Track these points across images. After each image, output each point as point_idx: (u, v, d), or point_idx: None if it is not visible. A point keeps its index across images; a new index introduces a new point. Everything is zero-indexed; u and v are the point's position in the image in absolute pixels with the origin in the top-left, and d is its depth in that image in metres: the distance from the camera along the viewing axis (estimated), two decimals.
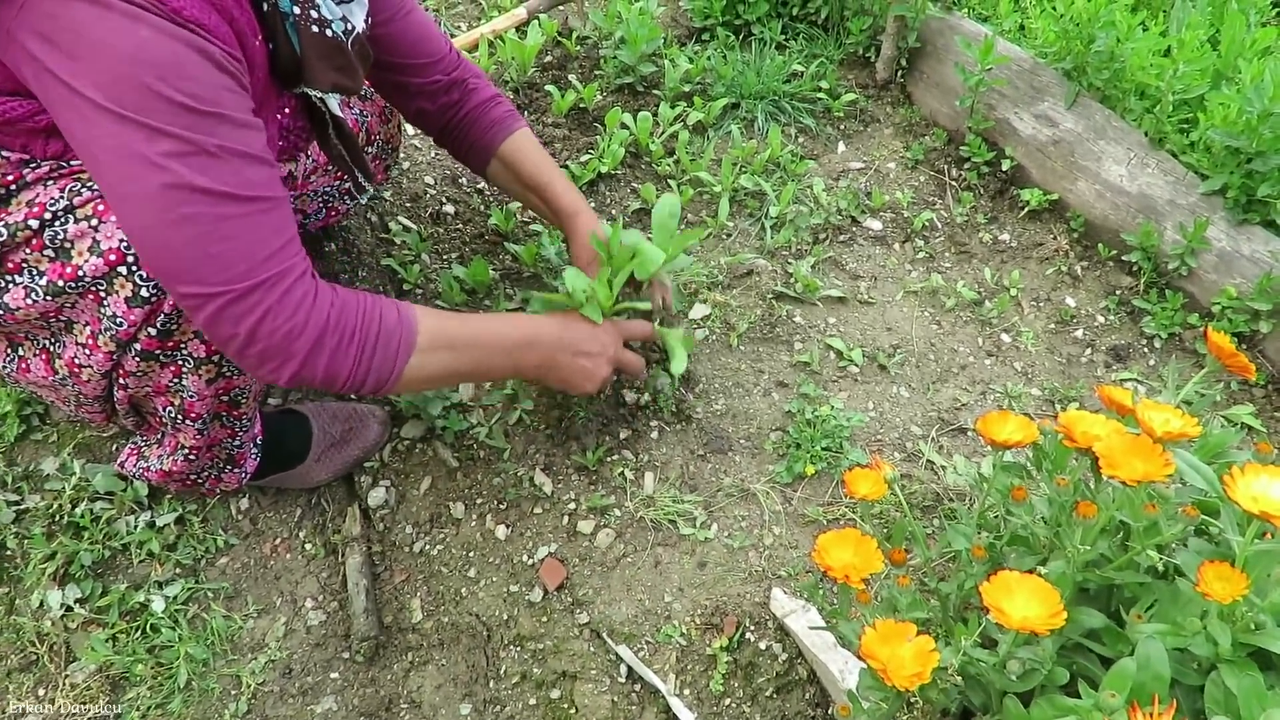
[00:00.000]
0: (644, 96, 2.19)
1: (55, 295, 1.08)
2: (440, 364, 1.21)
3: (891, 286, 1.90)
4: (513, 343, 1.30)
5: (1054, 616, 0.82)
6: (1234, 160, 1.76)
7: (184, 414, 1.27)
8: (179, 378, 1.20)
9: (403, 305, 1.20)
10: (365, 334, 1.14)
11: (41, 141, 1.07)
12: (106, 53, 0.92)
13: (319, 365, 1.10)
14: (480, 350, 1.27)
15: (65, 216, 1.06)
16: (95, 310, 1.11)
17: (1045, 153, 2.00)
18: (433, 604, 1.48)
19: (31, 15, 0.92)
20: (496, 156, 1.55)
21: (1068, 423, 1.00)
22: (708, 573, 1.45)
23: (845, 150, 2.17)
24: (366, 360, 1.14)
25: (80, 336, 1.14)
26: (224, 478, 1.45)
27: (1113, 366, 1.80)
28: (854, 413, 1.65)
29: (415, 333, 1.18)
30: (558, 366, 1.34)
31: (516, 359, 1.30)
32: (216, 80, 0.99)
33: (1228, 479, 0.81)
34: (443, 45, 1.51)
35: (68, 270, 1.07)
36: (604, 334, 1.39)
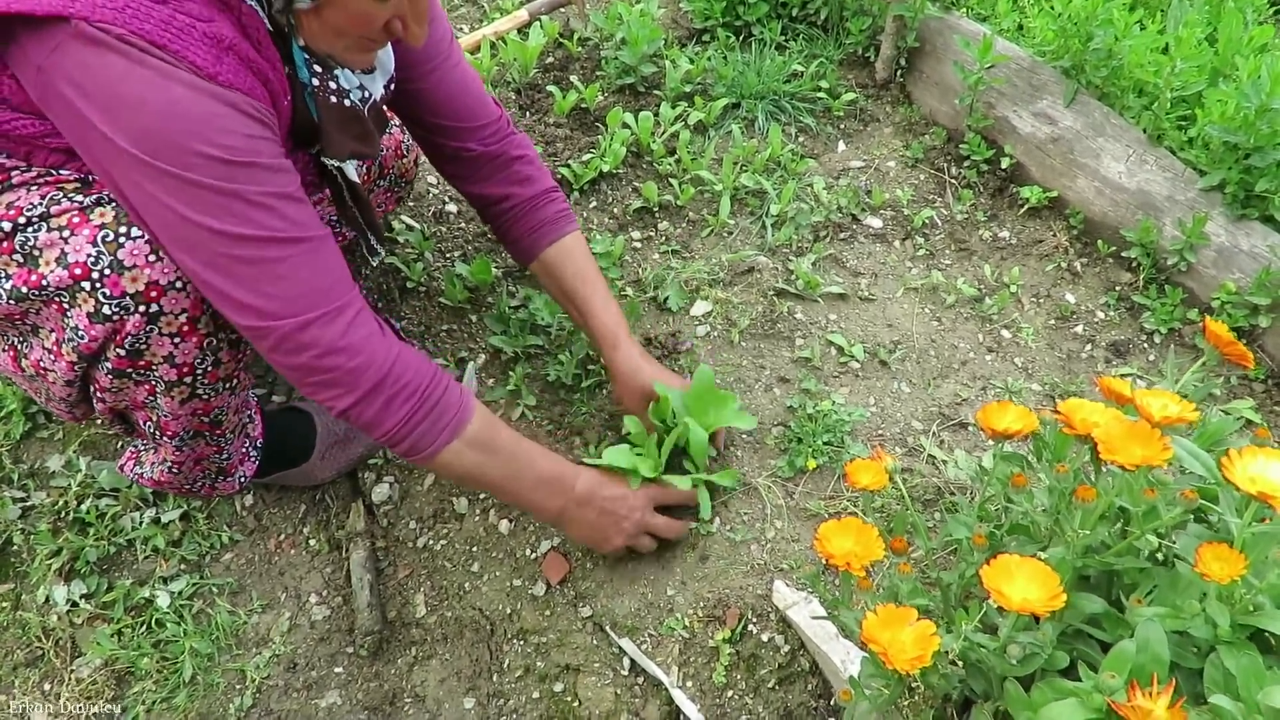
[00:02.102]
0: (645, 97, 2.20)
1: (18, 300, 1.07)
2: (474, 462, 1.23)
3: (892, 283, 1.90)
4: (542, 476, 1.30)
5: (1053, 599, 0.82)
6: (1232, 156, 1.77)
7: (161, 431, 1.27)
8: (153, 396, 1.20)
9: (470, 393, 1.23)
10: (424, 398, 1.16)
11: (44, 154, 1.08)
12: (140, 108, 0.94)
13: (370, 409, 1.13)
14: (513, 467, 1.27)
15: (39, 223, 1.06)
16: (59, 319, 1.10)
17: (1044, 150, 2.01)
18: (436, 598, 1.48)
19: (66, 60, 0.93)
20: (539, 260, 1.50)
21: (1067, 411, 1.00)
22: (710, 566, 1.46)
23: (845, 149, 2.18)
24: (414, 424, 1.16)
25: (46, 342, 1.14)
26: (218, 486, 1.46)
27: (1112, 362, 1.80)
28: (855, 408, 1.66)
29: (468, 420, 1.21)
30: (576, 520, 1.35)
31: (540, 495, 1.31)
32: (251, 130, 1.01)
33: (1225, 461, 0.81)
34: (487, 110, 1.44)
35: (32, 278, 1.05)
36: (635, 499, 1.39)
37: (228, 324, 1.18)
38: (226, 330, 1.18)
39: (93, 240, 1.05)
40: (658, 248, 1.91)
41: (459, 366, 1.69)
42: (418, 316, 1.75)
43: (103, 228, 1.05)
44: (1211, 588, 0.83)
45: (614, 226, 1.94)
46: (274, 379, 1.68)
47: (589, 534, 1.38)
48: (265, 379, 1.68)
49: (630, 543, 1.40)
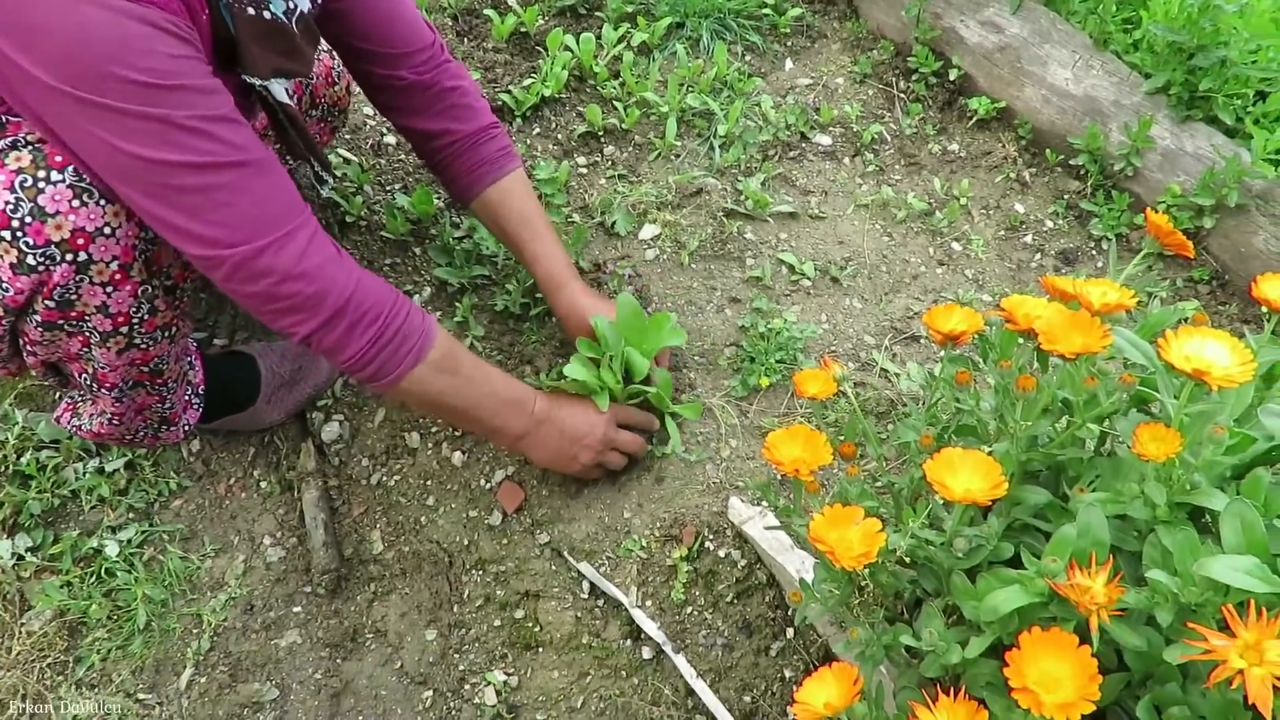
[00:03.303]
0: (586, 19, 2.14)
1: None
2: (440, 386, 1.20)
3: (842, 200, 1.89)
4: (505, 398, 1.28)
5: (995, 488, 0.83)
6: (1176, 57, 1.76)
7: (98, 383, 1.22)
8: (87, 348, 1.15)
9: (432, 319, 1.19)
10: (386, 323, 1.13)
11: None
12: (54, 36, 0.88)
13: (332, 334, 1.10)
14: (477, 390, 1.25)
15: None
16: None
17: (992, 60, 1.99)
18: (393, 534, 1.47)
19: None
20: (479, 200, 1.46)
21: (1010, 307, 1.00)
22: (665, 487, 1.46)
23: (793, 67, 2.14)
24: (378, 349, 1.13)
25: None
26: (161, 436, 1.42)
27: (1062, 270, 1.81)
28: (807, 325, 1.65)
29: (431, 344, 1.18)
30: (540, 442, 1.32)
31: (503, 418, 1.28)
32: (174, 50, 0.95)
33: (1162, 342, 0.81)
34: (420, 35, 1.37)
35: None
36: (596, 417, 1.37)
37: (162, 270, 1.14)
38: (161, 277, 1.14)
39: (10, 186, 0.99)
40: (604, 172, 1.87)
41: None
42: (359, 251, 1.70)
43: (19, 172, 1.00)
44: (1149, 469, 0.83)
45: (558, 152, 1.89)
46: (214, 322, 1.63)
47: (554, 455, 1.35)
48: (205, 322, 1.63)
49: (598, 459, 1.37)
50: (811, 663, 1.29)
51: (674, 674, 1.31)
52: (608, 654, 1.34)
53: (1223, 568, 0.72)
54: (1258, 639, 0.65)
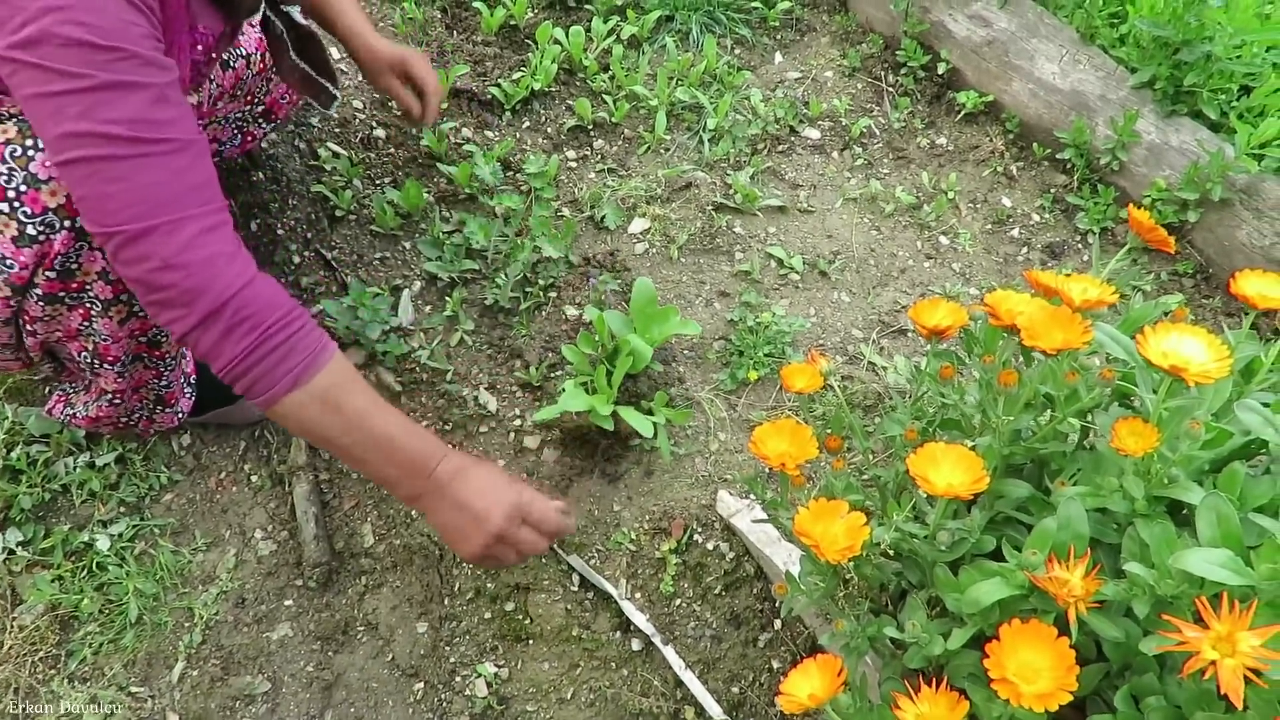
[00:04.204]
0: (576, 12, 2.14)
1: None
2: (315, 419, 1.06)
3: (831, 194, 1.89)
4: (400, 455, 1.09)
5: (977, 482, 0.84)
6: (1162, 52, 1.77)
7: (100, 358, 1.22)
8: (88, 321, 1.14)
9: (331, 344, 1.07)
10: (267, 334, 1.02)
11: None
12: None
13: (207, 336, 1.00)
14: (365, 436, 1.07)
15: None
16: None
17: (980, 54, 2.00)
18: (384, 528, 1.48)
19: None
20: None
21: (994, 302, 1.01)
22: (655, 480, 1.47)
23: (782, 60, 2.14)
24: (254, 361, 1.02)
25: None
26: (156, 418, 1.42)
27: (1048, 264, 1.82)
28: (796, 319, 1.66)
29: (317, 370, 1.04)
30: (435, 510, 1.12)
31: (392, 474, 1.10)
32: (121, 14, 0.93)
33: (1140, 338, 0.83)
34: None
35: None
36: (499, 501, 1.10)
37: None
38: None
39: (0, 157, 0.99)
40: (593, 166, 1.88)
41: (394, 294, 1.66)
42: (349, 245, 1.71)
43: (8, 143, 1.00)
44: (1128, 463, 0.85)
45: (548, 146, 1.89)
46: None
47: (446, 529, 1.13)
48: None
49: (486, 551, 1.11)
50: (799, 653, 1.31)
51: (663, 665, 1.32)
52: (597, 646, 1.35)
53: (1198, 561, 0.74)
54: (1230, 631, 0.66)
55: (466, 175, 1.74)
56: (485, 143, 1.87)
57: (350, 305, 1.54)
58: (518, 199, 1.73)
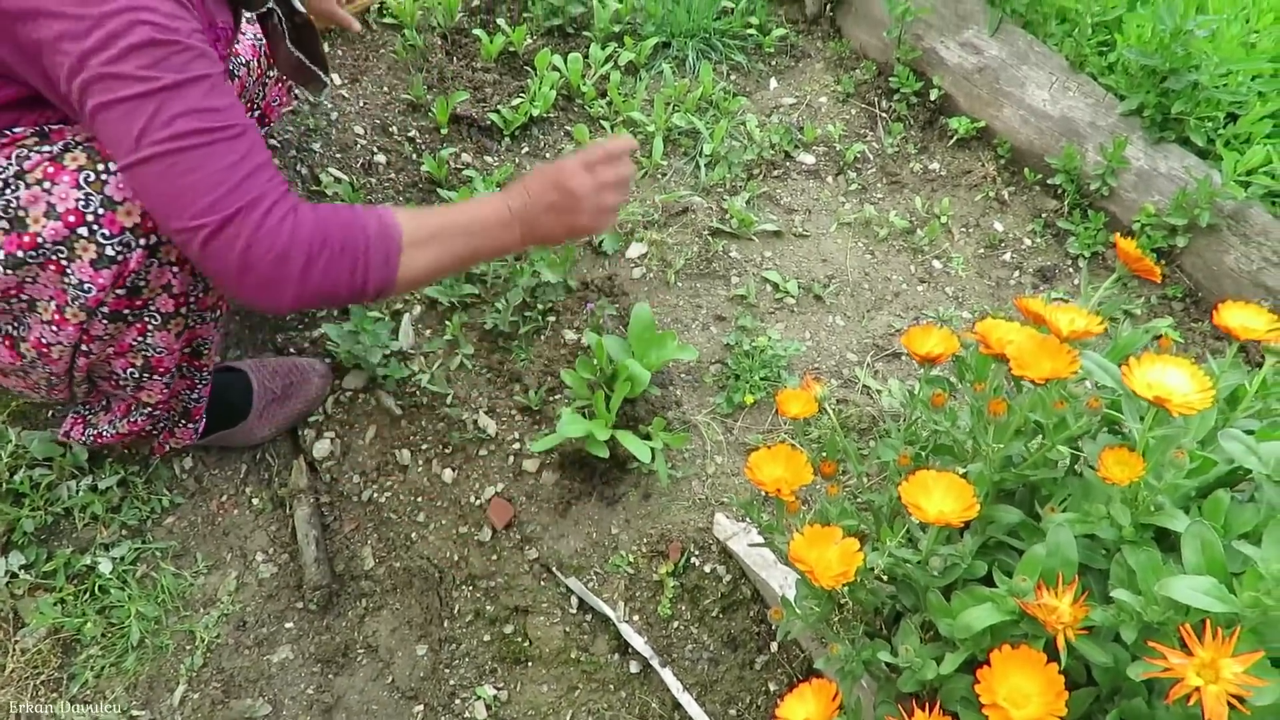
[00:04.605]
0: (574, 38, 2.17)
1: (14, 268, 1.03)
2: (432, 257, 1.16)
3: (825, 219, 1.92)
4: (485, 222, 1.19)
5: (967, 509, 0.86)
6: (1149, 80, 1.81)
7: (150, 370, 1.25)
8: (144, 335, 1.18)
9: (381, 210, 1.15)
10: (354, 246, 1.09)
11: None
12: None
13: (314, 283, 1.07)
14: (460, 234, 1.18)
15: (15, 183, 1.02)
16: (58, 282, 1.06)
17: (971, 81, 2.03)
18: (384, 550, 1.49)
19: None
20: None
21: (984, 331, 1.03)
22: (652, 503, 1.49)
23: (777, 86, 2.18)
24: (362, 270, 1.10)
25: (45, 314, 1.09)
26: (177, 433, 1.44)
27: (1040, 287, 1.85)
28: (791, 342, 1.68)
29: (400, 232, 1.13)
30: (540, 228, 1.21)
31: (496, 240, 1.20)
32: (174, 11, 0.98)
33: (1126, 369, 0.85)
34: None
35: (25, 239, 1.02)
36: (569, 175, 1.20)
37: None
38: None
39: (76, 184, 1.02)
40: None
41: (395, 318, 1.68)
42: None
43: (81, 169, 1.03)
44: (1115, 491, 0.87)
45: None
46: None
47: (566, 232, 1.23)
48: None
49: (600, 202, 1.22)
50: (795, 676, 1.32)
51: (661, 688, 1.34)
52: (596, 668, 1.36)
53: (1182, 588, 0.76)
54: (1213, 657, 0.68)
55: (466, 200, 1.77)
56: (485, 168, 1.90)
57: (351, 330, 1.56)
58: None
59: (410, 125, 1.96)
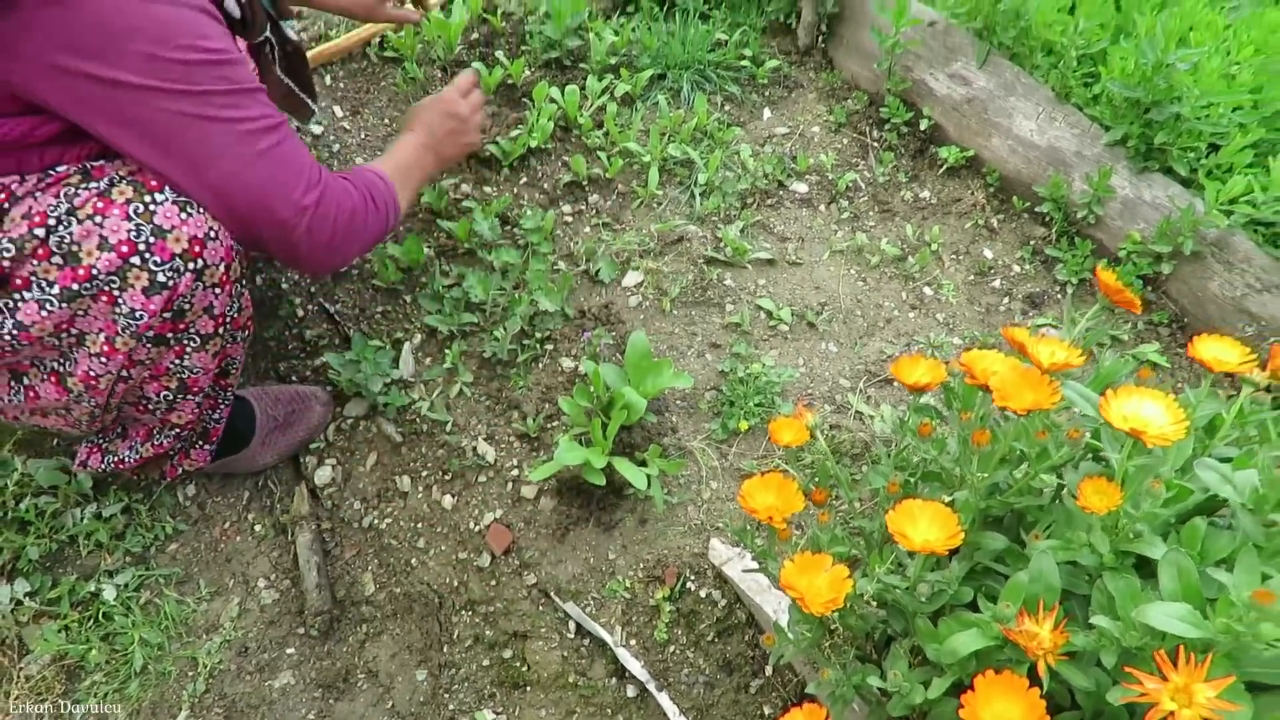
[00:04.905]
0: (571, 70, 2.21)
1: (70, 301, 1.07)
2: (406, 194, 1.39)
3: (818, 247, 1.96)
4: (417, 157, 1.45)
5: (951, 538, 0.89)
6: (1133, 111, 1.85)
7: (185, 391, 1.29)
8: (181, 358, 1.22)
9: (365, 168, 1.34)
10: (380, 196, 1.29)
11: (37, 155, 1.08)
12: (135, 37, 0.99)
13: (371, 233, 1.27)
14: (411, 171, 1.42)
15: (68, 219, 1.06)
16: (109, 313, 1.10)
17: (960, 111, 2.08)
18: (384, 576, 1.51)
19: (45, 31, 0.96)
20: None
21: (969, 361, 1.06)
22: (649, 529, 1.51)
23: (770, 116, 2.22)
24: (385, 214, 1.30)
25: (94, 347, 1.13)
26: (192, 454, 1.47)
27: (1029, 314, 1.88)
28: (785, 369, 1.71)
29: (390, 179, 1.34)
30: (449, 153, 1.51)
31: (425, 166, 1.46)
32: (219, 30, 1.08)
33: (1103, 401, 0.88)
34: None
35: (79, 272, 1.06)
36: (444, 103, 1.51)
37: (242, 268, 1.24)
38: (243, 277, 1.25)
39: (126, 215, 1.07)
40: (589, 221, 1.94)
41: (395, 347, 1.71)
42: (352, 299, 1.76)
43: (129, 202, 1.08)
44: (1095, 519, 0.89)
45: (544, 201, 1.96)
46: None
47: (459, 149, 1.53)
48: None
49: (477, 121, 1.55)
50: (789, 699, 1.34)
51: (658, 712, 1.35)
52: (593, 692, 1.38)
53: (1158, 614, 0.78)
54: (1187, 682, 0.70)
55: (466, 231, 1.81)
56: (484, 198, 1.93)
57: (353, 359, 1.59)
58: (515, 253, 1.79)
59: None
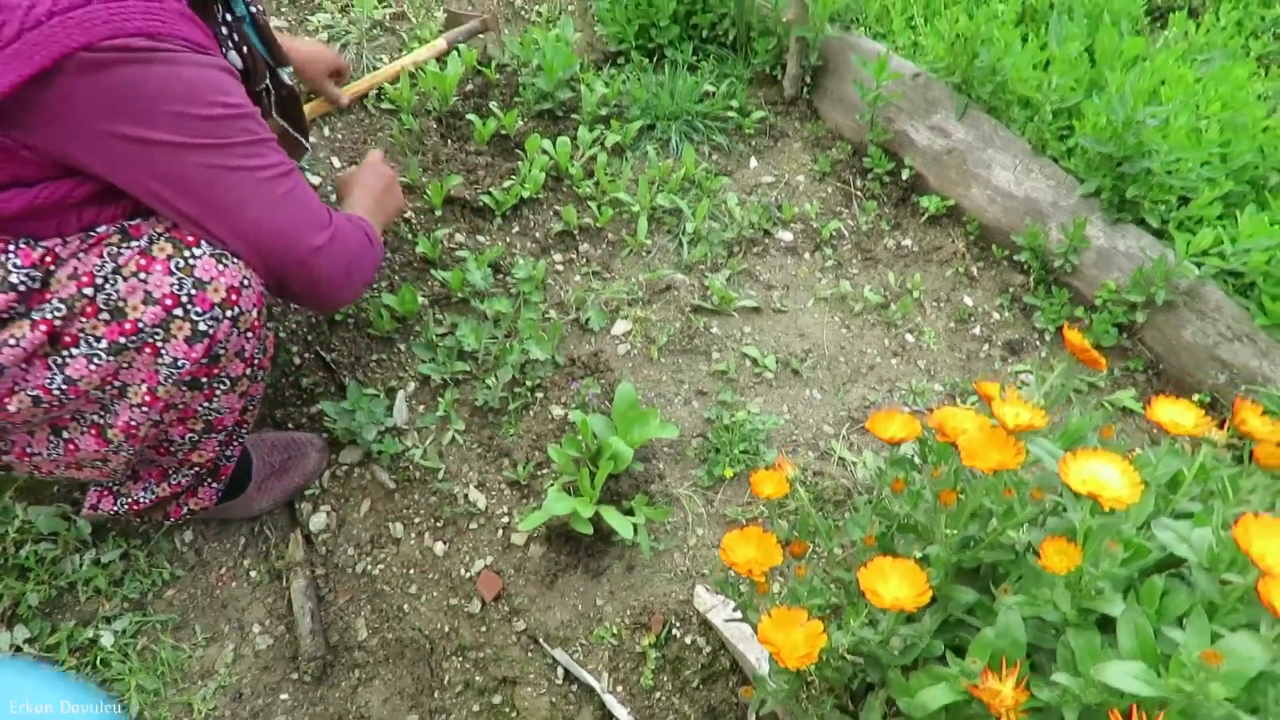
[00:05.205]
0: (563, 120, 2.28)
1: (117, 354, 1.13)
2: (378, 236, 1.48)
3: (803, 294, 2.01)
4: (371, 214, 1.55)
5: (920, 595, 0.92)
6: (1106, 165, 1.91)
7: (210, 431, 1.35)
8: (210, 400, 1.28)
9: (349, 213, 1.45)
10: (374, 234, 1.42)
11: (75, 216, 1.15)
12: (166, 99, 1.06)
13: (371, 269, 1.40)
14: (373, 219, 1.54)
15: (114, 278, 1.13)
16: (152, 363, 1.16)
17: (940, 161, 2.14)
18: (377, 621, 1.54)
19: (83, 97, 1.03)
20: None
21: (940, 420, 1.11)
22: (635, 575, 1.54)
23: (757, 165, 2.28)
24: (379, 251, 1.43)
25: (136, 397, 1.19)
26: (199, 493, 1.50)
27: (1008, 360, 1.93)
28: (769, 416, 1.76)
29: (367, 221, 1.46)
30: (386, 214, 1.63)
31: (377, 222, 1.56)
32: (236, 85, 1.16)
33: (1062, 464, 0.92)
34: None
35: (126, 326, 1.13)
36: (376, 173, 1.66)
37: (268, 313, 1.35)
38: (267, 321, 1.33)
39: (168, 271, 1.14)
40: (579, 269, 1.99)
41: (390, 395, 1.75)
42: (347, 348, 1.80)
43: (170, 258, 1.15)
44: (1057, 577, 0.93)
45: (536, 250, 2.01)
46: None
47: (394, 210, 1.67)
48: None
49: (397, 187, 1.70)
50: None
51: None
52: None
53: (1115, 673, 0.82)
54: None
55: (459, 280, 1.85)
56: (477, 247, 1.98)
57: (348, 408, 1.63)
58: (507, 302, 1.84)
59: (406, 206, 2.05)
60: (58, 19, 0.99)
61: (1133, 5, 2.35)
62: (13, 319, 1.10)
